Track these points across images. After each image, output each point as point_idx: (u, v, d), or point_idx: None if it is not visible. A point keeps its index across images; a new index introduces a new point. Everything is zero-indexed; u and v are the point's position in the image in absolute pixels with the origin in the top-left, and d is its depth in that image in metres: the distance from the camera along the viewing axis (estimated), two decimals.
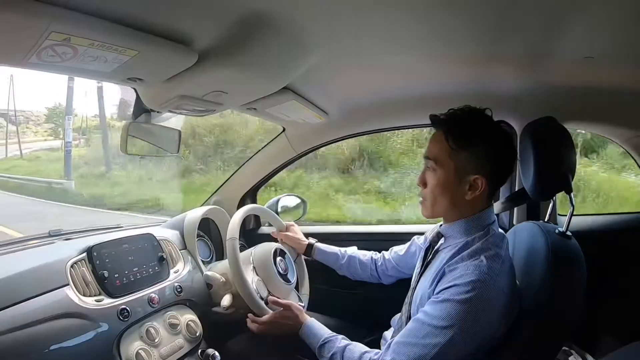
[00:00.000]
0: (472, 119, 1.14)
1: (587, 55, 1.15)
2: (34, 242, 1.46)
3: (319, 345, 1.24)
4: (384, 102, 1.70)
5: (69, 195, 11.61)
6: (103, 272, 1.26)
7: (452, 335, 1.01)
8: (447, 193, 1.16)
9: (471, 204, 1.15)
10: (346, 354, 1.18)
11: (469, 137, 1.12)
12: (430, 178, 1.18)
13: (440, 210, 1.20)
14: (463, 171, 1.13)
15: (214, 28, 0.93)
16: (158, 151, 1.48)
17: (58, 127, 19.93)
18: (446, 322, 1.02)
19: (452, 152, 1.13)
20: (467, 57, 1.25)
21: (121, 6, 0.77)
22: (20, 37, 0.71)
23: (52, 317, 1.08)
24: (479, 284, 1.02)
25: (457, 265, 1.08)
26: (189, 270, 1.54)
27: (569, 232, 1.23)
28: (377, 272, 1.63)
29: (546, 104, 1.51)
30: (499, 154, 1.13)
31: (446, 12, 0.93)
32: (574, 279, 1.12)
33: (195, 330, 1.41)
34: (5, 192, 12.12)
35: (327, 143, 2.01)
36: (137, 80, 1.04)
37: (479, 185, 1.12)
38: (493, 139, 1.12)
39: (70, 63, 0.83)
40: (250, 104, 1.43)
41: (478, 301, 1.01)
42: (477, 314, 1.01)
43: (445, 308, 1.03)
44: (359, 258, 1.67)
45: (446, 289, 1.05)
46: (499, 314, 1.06)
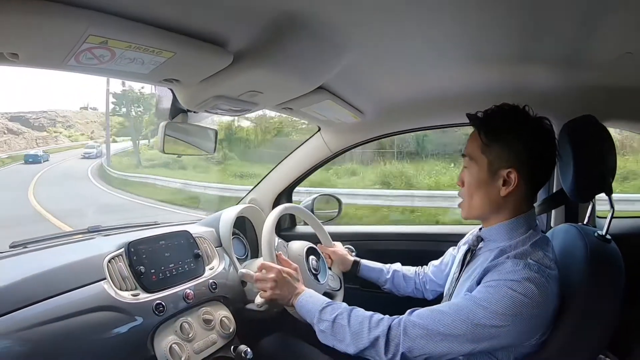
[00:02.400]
0: (505, 113, 1.10)
1: (627, 51, 1.10)
2: (74, 237, 1.52)
3: (321, 308, 1.17)
4: (419, 101, 1.67)
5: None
6: (140, 267, 1.29)
7: (501, 324, 0.96)
8: (481, 189, 1.12)
9: (510, 204, 1.11)
10: (353, 314, 1.12)
11: (501, 130, 1.08)
12: (466, 176, 1.16)
13: (477, 209, 1.15)
14: (496, 165, 1.09)
15: (248, 29, 0.93)
16: (195, 150, 1.51)
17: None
18: (494, 306, 0.96)
19: (484, 147, 1.10)
20: (502, 57, 1.22)
21: (157, 9, 0.78)
22: (59, 40, 0.73)
23: (89, 310, 1.11)
24: (533, 285, 0.96)
25: (506, 261, 1.03)
26: (224, 267, 1.56)
27: (608, 236, 1.17)
28: (421, 286, 1.59)
29: (585, 102, 1.45)
30: (533, 148, 1.07)
31: (480, 11, 0.91)
32: (613, 284, 1.08)
33: (229, 327, 1.42)
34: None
35: (362, 143, 1.99)
36: (174, 81, 1.05)
37: (513, 180, 1.07)
38: (526, 132, 1.07)
39: (108, 65, 0.85)
40: (286, 104, 1.43)
41: (533, 301, 0.96)
42: (531, 313, 0.96)
43: (500, 294, 0.97)
44: (404, 272, 1.63)
45: (498, 280, 1.00)
46: (548, 319, 1.02)
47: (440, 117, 1.85)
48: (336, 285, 1.64)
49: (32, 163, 22.81)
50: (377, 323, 1.07)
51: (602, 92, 1.42)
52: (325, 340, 1.15)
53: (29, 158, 23.66)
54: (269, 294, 1.28)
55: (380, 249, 1.95)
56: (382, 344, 1.04)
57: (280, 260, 1.37)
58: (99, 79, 19.20)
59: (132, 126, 25.61)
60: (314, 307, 1.18)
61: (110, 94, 25.47)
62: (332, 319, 1.13)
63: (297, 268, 1.36)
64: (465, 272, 1.19)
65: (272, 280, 1.28)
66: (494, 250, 1.11)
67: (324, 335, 1.14)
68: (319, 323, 1.15)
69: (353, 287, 1.77)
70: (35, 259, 1.28)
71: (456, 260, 1.32)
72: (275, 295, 1.27)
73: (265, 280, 1.29)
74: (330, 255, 1.71)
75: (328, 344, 1.15)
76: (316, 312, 1.16)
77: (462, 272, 1.20)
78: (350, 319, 1.11)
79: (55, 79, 34.98)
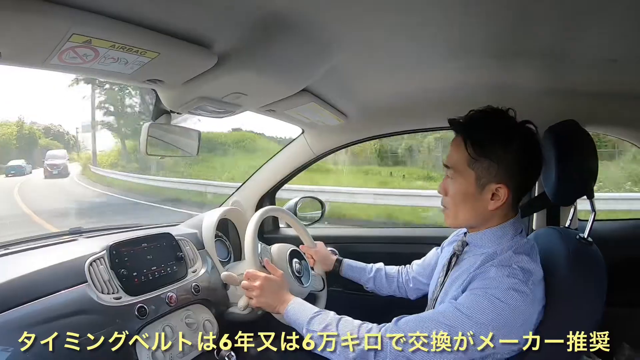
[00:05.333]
0: (493, 123, 1.08)
1: (610, 58, 1.13)
2: (55, 239, 1.48)
3: (310, 318, 1.14)
4: (403, 104, 1.68)
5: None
6: (122, 270, 1.27)
7: (479, 330, 0.96)
8: (468, 203, 1.09)
9: (497, 215, 1.10)
10: (342, 323, 1.09)
11: (490, 143, 1.05)
12: (450, 186, 1.12)
13: (464, 220, 1.13)
14: (485, 180, 1.06)
15: (233, 30, 0.93)
16: (178, 152, 1.49)
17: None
18: (479, 316, 0.97)
19: (472, 161, 1.06)
20: (487, 58, 1.23)
21: (142, 8, 0.78)
22: (42, 39, 0.73)
23: (71, 314, 1.09)
24: (517, 294, 0.97)
25: (491, 268, 1.02)
26: (206, 270, 1.55)
27: (590, 239, 1.19)
28: (404, 285, 1.58)
29: (568, 106, 1.47)
30: (522, 162, 1.06)
31: (465, 13, 0.92)
32: (595, 287, 1.09)
33: (212, 330, 1.41)
34: None
35: (346, 145, 2.00)
36: (157, 82, 1.05)
37: (502, 195, 1.06)
38: (517, 145, 1.05)
39: (91, 65, 0.85)
40: (270, 106, 1.43)
41: (517, 310, 0.97)
42: (514, 321, 0.97)
43: (484, 303, 0.97)
44: (386, 271, 1.62)
45: (483, 288, 0.99)
46: (532, 325, 1.03)
47: (425, 120, 1.86)
48: (319, 286, 1.64)
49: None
50: (366, 333, 1.06)
51: (584, 97, 1.45)
52: (314, 350, 1.13)
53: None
54: (255, 302, 1.27)
55: (363, 252, 1.95)
56: (371, 354, 1.04)
57: (267, 267, 1.36)
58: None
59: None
60: (302, 317, 1.16)
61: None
62: (320, 329, 1.10)
63: (282, 274, 1.34)
64: (449, 277, 1.17)
65: (258, 288, 1.26)
66: (479, 256, 1.10)
67: (312, 345, 1.12)
68: (307, 333, 1.13)
69: (336, 290, 1.77)
70: (15, 261, 1.25)
71: (440, 264, 1.31)
72: (261, 303, 1.26)
73: (251, 289, 1.28)
74: (313, 256, 1.69)
75: (317, 354, 1.14)
76: (304, 323, 1.14)
77: (447, 277, 1.19)
78: (339, 329, 1.09)
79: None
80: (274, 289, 1.27)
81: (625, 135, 1.81)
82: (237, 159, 14.94)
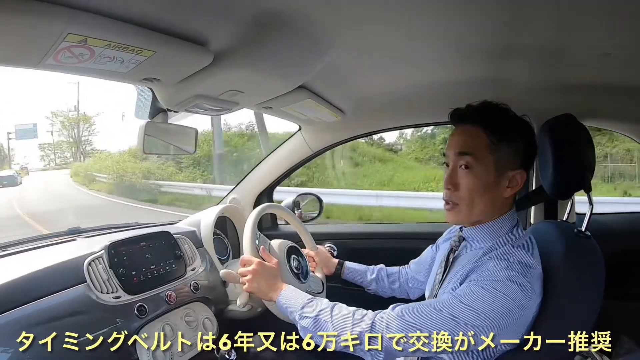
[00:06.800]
0: (505, 111, 1.09)
1: (605, 52, 1.13)
2: (54, 239, 1.48)
3: (303, 304, 1.13)
4: (399, 99, 1.69)
5: None
6: (121, 269, 1.27)
7: (482, 323, 0.96)
8: (487, 193, 1.07)
9: (508, 202, 1.10)
10: (336, 310, 1.08)
11: (508, 128, 1.06)
12: (464, 178, 1.08)
13: (479, 213, 1.10)
14: (503, 166, 1.06)
15: (229, 28, 0.93)
16: (176, 150, 1.49)
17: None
18: (477, 306, 0.96)
19: (492, 146, 1.05)
20: (483, 53, 1.24)
21: (137, 7, 0.77)
22: (37, 39, 0.72)
23: (70, 314, 1.10)
24: (516, 286, 0.97)
25: (489, 261, 1.02)
26: (205, 268, 1.55)
27: (587, 232, 1.19)
28: (405, 284, 1.57)
29: (564, 101, 1.48)
30: (530, 149, 1.09)
31: (461, 7, 0.92)
32: (593, 281, 1.09)
33: (212, 328, 1.41)
34: None
35: (343, 141, 2.01)
36: (154, 81, 1.04)
37: (518, 181, 1.06)
38: (527, 133, 1.08)
39: (87, 64, 0.84)
40: (266, 103, 1.43)
41: (515, 301, 0.96)
42: (513, 313, 0.97)
43: (483, 294, 0.97)
44: (387, 272, 1.60)
45: (482, 280, 0.99)
46: (530, 318, 1.03)
47: (421, 114, 1.87)
48: (318, 288, 1.62)
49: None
50: (360, 318, 1.05)
51: (581, 91, 1.46)
52: (308, 331, 1.12)
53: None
54: (248, 287, 1.26)
55: (361, 248, 1.97)
56: (365, 339, 1.04)
57: (262, 254, 1.35)
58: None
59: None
60: (295, 303, 1.15)
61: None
62: (314, 315, 1.10)
63: (277, 263, 1.34)
64: (448, 274, 1.17)
65: (251, 272, 1.26)
66: (477, 250, 1.10)
67: (306, 331, 1.12)
68: (301, 320, 1.12)
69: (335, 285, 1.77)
70: (15, 262, 1.25)
71: (437, 261, 1.31)
72: (253, 287, 1.25)
73: (245, 274, 1.28)
74: (314, 258, 1.68)
75: (317, 353, 1.14)
76: (298, 308, 1.13)
77: (446, 274, 1.18)
78: (333, 315, 1.08)
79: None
80: (268, 275, 1.27)
81: (622, 129, 1.82)
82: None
